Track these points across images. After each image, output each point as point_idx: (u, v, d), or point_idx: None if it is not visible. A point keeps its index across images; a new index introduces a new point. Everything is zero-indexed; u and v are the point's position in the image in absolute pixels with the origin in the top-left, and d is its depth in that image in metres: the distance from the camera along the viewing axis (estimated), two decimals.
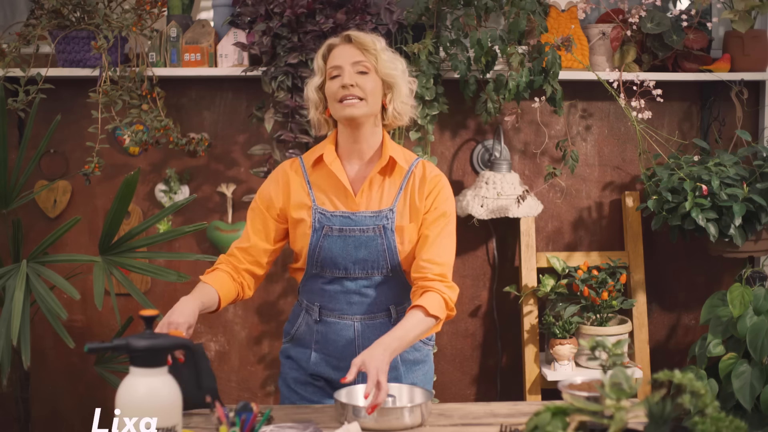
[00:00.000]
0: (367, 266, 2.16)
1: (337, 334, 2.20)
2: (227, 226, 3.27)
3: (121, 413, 1.44)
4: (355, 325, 2.19)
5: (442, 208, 2.17)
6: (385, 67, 2.12)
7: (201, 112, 3.31)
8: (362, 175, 2.19)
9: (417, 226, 2.17)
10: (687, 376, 1.33)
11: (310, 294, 2.23)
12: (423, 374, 2.30)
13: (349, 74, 2.10)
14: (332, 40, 2.17)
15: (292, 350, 2.29)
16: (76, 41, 3.03)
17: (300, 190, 2.19)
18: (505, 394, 3.40)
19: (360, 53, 2.11)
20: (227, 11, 3.20)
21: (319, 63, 2.17)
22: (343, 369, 2.16)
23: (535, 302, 3.27)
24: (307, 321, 2.25)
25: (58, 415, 3.39)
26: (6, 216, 2.87)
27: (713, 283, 3.45)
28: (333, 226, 2.14)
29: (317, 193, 2.18)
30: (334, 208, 2.16)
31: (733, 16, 3.17)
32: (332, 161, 2.16)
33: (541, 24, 3.02)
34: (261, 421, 1.72)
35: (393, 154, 2.17)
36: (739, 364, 3.00)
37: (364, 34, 2.15)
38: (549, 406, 1.35)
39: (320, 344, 2.23)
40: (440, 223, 2.16)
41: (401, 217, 2.16)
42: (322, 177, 2.19)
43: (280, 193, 2.21)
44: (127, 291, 2.79)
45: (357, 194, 2.17)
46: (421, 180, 2.18)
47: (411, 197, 2.17)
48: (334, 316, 2.20)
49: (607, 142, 3.40)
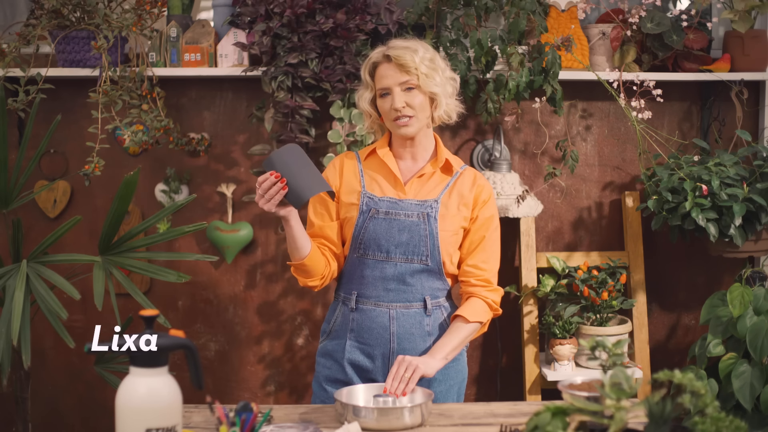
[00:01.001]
0: (408, 251, 2.27)
1: (372, 321, 2.29)
2: (227, 226, 3.27)
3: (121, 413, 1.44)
4: (390, 312, 2.28)
5: (489, 215, 2.33)
6: (426, 85, 2.25)
7: (201, 112, 3.31)
8: (413, 169, 2.35)
9: (459, 221, 2.30)
10: (687, 376, 1.33)
11: (349, 284, 2.33)
12: (456, 372, 2.36)
13: (399, 96, 2.25)
14: (375, 57, 2.30)
15: (328, 345, 2.36)
16: (76, 41, 3.03)
17: (352, 176, 2.34)
18: (505, 394, 3.40)
19: (403, 73, 2.25)
20: (227, 11, 3.20)
21: (367, 79, 2.32)
22: (376, 357, 2.29)
23: (535, 302, 3.27)
24: (343, 312, 2.34)
25: (58, 415, 3.39)
26: (6, 216, 2.87)
27: (713, 283, 3.45)
28: (379, 209, 2.27)
29: (368, 180, 2.33)
30: (382, 194, 2.31)
31: (733, 16, 3.17)
32: (385, 154, 2.34)
33: (541, 24, 3.02)
34: (261, 421, 1.72)
35: (448, 158, 2.34)
36: (739, 364, 3.00)
37: (402, 51, 2.26)
38: (549, 406, 1.35)
39: (355, 332, 2.31)
40: (487, 229, 2.32)
41: (445, 209, 2.30)
42: (374, 167, 2.36)
43: (337, 176, 2.37)
44: (127, 291, 2.79)
45: (406, 184, 2.32)
46: (472, 183, 2.34)
47: (457, 195, 2.32)
48: (370, 304, 2.29)
49: (607, 142, 3.40)
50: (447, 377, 2.33)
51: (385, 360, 2.29)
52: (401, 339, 2.28)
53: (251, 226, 3.31)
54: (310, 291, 3.30)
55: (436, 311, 2.32)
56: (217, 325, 3.38)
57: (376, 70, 2.30)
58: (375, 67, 2.30)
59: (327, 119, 3.17)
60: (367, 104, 2.34)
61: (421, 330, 2.29)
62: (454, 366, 2.35)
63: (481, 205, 2.32)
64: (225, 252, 3.28)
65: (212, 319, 3.37)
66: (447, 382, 2.33)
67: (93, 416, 3.39)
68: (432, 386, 2.30)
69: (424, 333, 2.30)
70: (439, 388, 2.31)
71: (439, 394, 2.31)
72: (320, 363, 2.38)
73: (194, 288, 3.37)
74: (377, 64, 2.30)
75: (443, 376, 2.32)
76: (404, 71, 2.24)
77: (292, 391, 3.41)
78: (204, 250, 3.33)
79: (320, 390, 2.36)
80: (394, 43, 2.29)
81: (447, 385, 2.33)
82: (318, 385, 2.37)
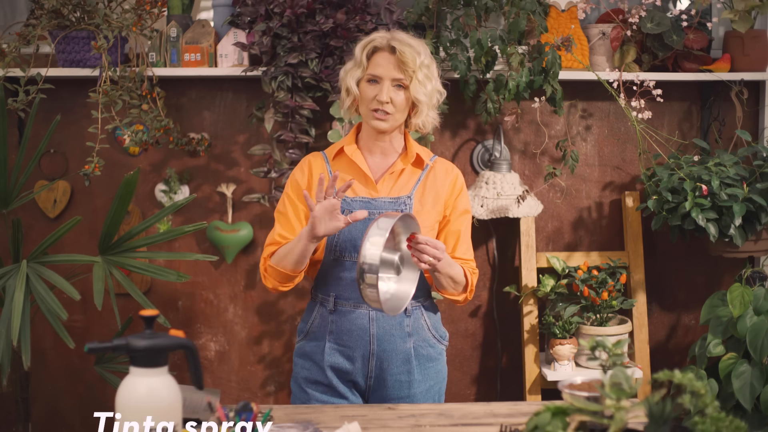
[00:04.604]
0: None
1: (351, 323, 2.26)
2: (227, 226, 3.27)
3: (121, 413, 1.44)
4: (370, 314, 2.26)
5: (465, 205, 2.34)
6: (416, 90, 2.23)
7: (201, 112, 3.31)
8: (382, 166, 2.32)
9: (435, 217, 2.29)
10: (687, 376, 1.33)
11: (326, 286, 2.29)
12: (435, 373, 2.35)
13: (387, 89, 2.22)
14: (378, 41, 2.25)
15: (306, 346, 2.33)
16: (76, 41, 3.03)
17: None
18: (505, 394, 3.40)
19: (400, 71, 2.22)
20: (227, 11, 3.20)
21: (362, 59, 2.26)
22: (356, 359, 2.26)
23: (535, 302, 3.27)
24: (321, 314, 2.30)
25: (58, 415, 3.39)
26: (6, 216, 2.87)
27: (713, 283, 3.45)
28: (353, 210, 2.23)
29: (338, 181, 2.26)
30: (354, 194, 2.27)
31: (733, 16, 3.17)
32: (353, 152, 2.29)
33: (541, 24, 3.02)
34: (261, 421, 1.72)
35: (419, 152, 2.31)
36: (739, 364, 3.00)
37: (408, 47, 2.23)
38: (549, 406, 1.35)
39: (334, 334, 2.27)
40: (464, 219, 2.34)
41: (420, 205, 2.28)
42: (344, 167, 2.30)
43: (305, 178, 2.32)
44: (126, 291, 2.79)
45: (378, 182, 2.28)
46: (445, 173, 2.33)
47: (432, 190, 2.30)
48: (349, 306, 2.26)
49: (607, 142, 3.40)
50: (427, 377, 2.32)
51: (365, 361, 2.27)
52: (381, 340, 2.26)
53: (251, 226, 3.31)
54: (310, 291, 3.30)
55: (416, 311, 2.30)
56: (217, 325, 3.38)
57: (374, 54, 2.25)
58: (374, 51, 2.26)
59: (327, 119, 3.17)
60: (354, 83, 2.27)
61: (401, 331, 2.27)
62: (434, 366, 2.34)
63: (458, 194, 2.32)
64: (225, 252, 3.28)
65: (212, 319, 3.37)
66: (427, 382, 2.32)
67: (93, 416, 3.39)
68: (412, 386, 2.29)
69: (404, 334, 2.28)
70: (420, 389, 2.30)
71: (419, 395, 2.30)
72: (298, 364, 2.35)
73: (194, 288, 3.37)
74: (378, 49, 2.26)
75: (423, 377, 2.31)
76: (401, 69, 2.22)
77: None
78: (204, 250, 3.33)
79: (300, 392, 2.33)
80: (400, 36, 2.26)
81: (427, 386, 2.32)
82: (297, 387, 2.35)
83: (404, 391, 2.29)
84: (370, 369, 2.27)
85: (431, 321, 2.34)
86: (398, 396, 2.29)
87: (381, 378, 2.28)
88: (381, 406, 2.09)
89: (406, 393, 2.29)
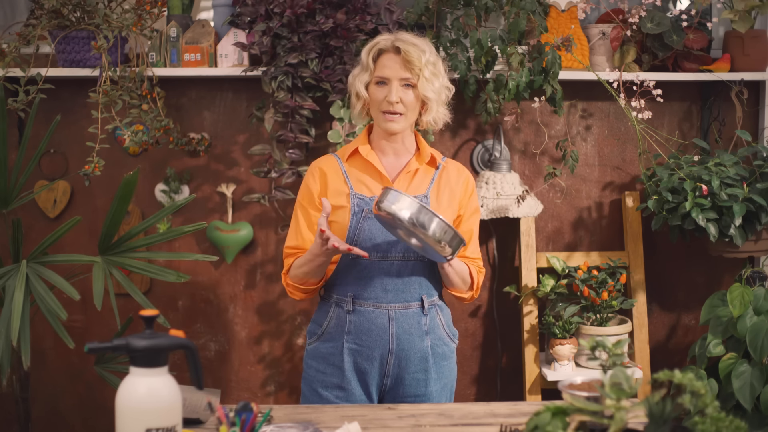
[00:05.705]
0: (406, 248, 2.26)
1: (371, 322, 2.27)
2: (227, 226, 3.27)
3: (121, 413, 1.44)
4: (390, 313, 2.27)
5: (476, 205, 2.40)
6: (424, 88, 2.25)
7: (201, 112, 3.31)
8: (396, 166, 2.34)
9: (450, 215, 2.32)
10: (687, 376, 1.33)
11: (344, 285, 2.30)
12: (449, 371, 2.39)
13: (396, 89, 2.24)
14: (383, 43, 2.28)
15: (322, 348, 2.33)
16: (76, 41, 3.03)
17: (337, 179, 2.31)
18: (505, 394, 3.40)
19: (406, 70, 2.24)
20: (227, 11, 3.20)
21: (368, 62, 2.28)
22: (375, 358, 2.28)
23: (535, 302, 3.27)
24: (338, 314, 2.30)
25: (58, 415, 3.39)
26: (6, 216, 2.87)
27: (713, 283, 3.45)
28: (371, 208, 2.25)
29: (354, 181, 2.30)
30: (371, 193, 2.28)
31: (733, 16, 3.17)
32: (368, 153, 2.32)
33: (541, 24, 3.02)
34: (261, 421, 1.72)
35: (432, 152, 2.35)
36: (739, 364, 3.00)
37: (413, 46, 2.25)
38: (549, 406, 1.35)
39: (353, 334, 2.28)
40: (475, 219, 2.39)
41: (436, 203, 2.32)
42: (358, 166, 2.32)
43: (317, 183, 2.32)
44: (126, 291, 2.79)
45: (394, 181, 2.30)
46: (458, 173, 2.38)
47: (447, 188, 2.34)
48: (368, 305, 2.27)
49: (607, 142, 3.40)
50: (441, 375, 2.35)
51: (383, 361, 2.29)
52: (400, 339, 2.28)
53: (251, 226, 3.31)
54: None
55: (432, 310, 2.33)
56: (217, 325, 3.38)
57: (379, 57, 2.28)
58: (380, 53, 2.28)
59: (327, 119, 3.17)
60: (363, 86, 2.30)
61: (419, 330, 2.30)
62: (447, 364, 2.37)
63: (470, 194, 2.37)
64: (225, 252, 3.28)
65: (212, 319, 3.37)
66: (441, 380, 2.35)
67: (93, 416, 3.39)
68: (429, 385, 2.31)
69: (422, 332, 2.30)
70: (435, 387, 2.32)
71: (434, 393, 2.33)
72: (312, 366, 2.34)
73: (194, 288, 3.37)
74: (383, 51, 2.28)
75: (438, 375, 2.33)
76: (408, 68, 2.24)
77: (292, 391, 3.41)
78: (204, 250, 3.33)
79: (313, 394, 2.33)
80: (403, 36, 2.28)
81: (441, 384, 2.35)
82: (310, 389, 2.34)
83: (420, 389, 2.32)
84: (388, 368, 2.29)
85: (445, 319, 2.38)
86: (414, 394, 2.31)
87: (399, 377, 2.31)
88: (381, 406, 2.09)
89: (423, 391, 2.32)
